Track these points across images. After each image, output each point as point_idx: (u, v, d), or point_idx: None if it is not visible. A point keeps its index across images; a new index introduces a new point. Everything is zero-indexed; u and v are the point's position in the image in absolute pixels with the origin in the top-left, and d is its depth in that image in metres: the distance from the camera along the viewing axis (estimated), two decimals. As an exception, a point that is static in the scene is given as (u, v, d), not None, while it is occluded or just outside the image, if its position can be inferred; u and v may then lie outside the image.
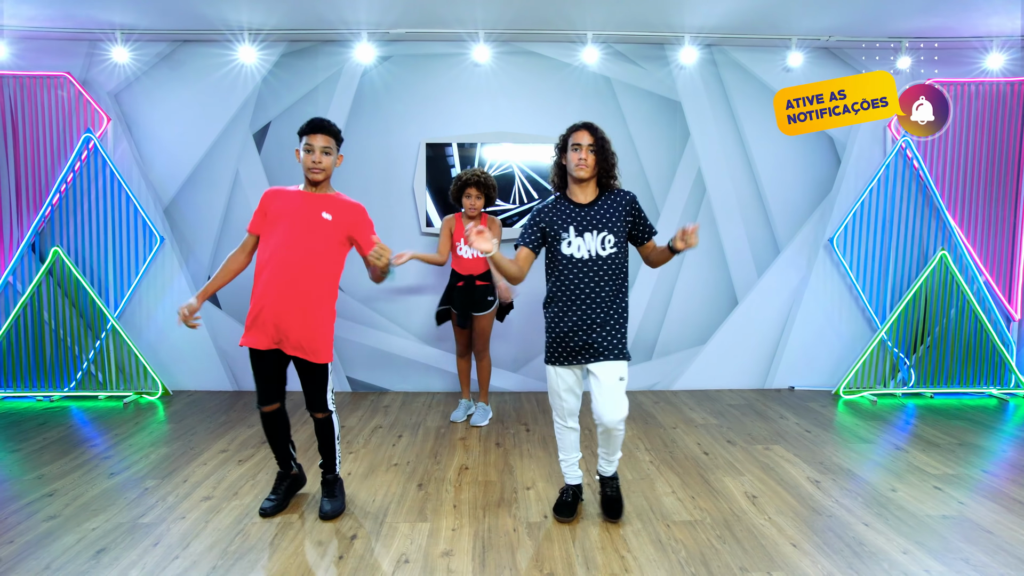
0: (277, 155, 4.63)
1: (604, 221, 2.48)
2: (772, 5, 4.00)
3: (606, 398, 2.40)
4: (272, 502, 2.66)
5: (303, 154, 2.51)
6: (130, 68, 4.46)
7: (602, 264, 2.47)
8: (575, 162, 2.44)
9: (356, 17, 4.21)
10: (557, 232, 2.48)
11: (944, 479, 3.04)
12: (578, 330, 2.44)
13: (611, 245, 2.47)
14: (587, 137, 2.46)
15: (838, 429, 3.85)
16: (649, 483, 3.00)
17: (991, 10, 4.01)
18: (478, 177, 3.76)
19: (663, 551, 2.35)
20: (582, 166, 2.44)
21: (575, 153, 2.44)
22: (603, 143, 2.49)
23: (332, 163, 2.54)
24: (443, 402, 4.47)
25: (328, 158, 2.51)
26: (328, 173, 2.54)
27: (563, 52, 4.61)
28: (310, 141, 2.49)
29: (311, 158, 2.49)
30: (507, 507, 2.74)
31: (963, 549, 2.36)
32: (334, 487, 2.71)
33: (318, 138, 2.49)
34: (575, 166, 2.45)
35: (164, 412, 4.19)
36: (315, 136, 2.49)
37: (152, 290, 4.64)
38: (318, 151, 2.49)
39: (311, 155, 2.49)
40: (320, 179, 2.52)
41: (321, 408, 2.62)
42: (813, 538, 2.45)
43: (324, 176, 2.53)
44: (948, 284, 4.56)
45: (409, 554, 2.33)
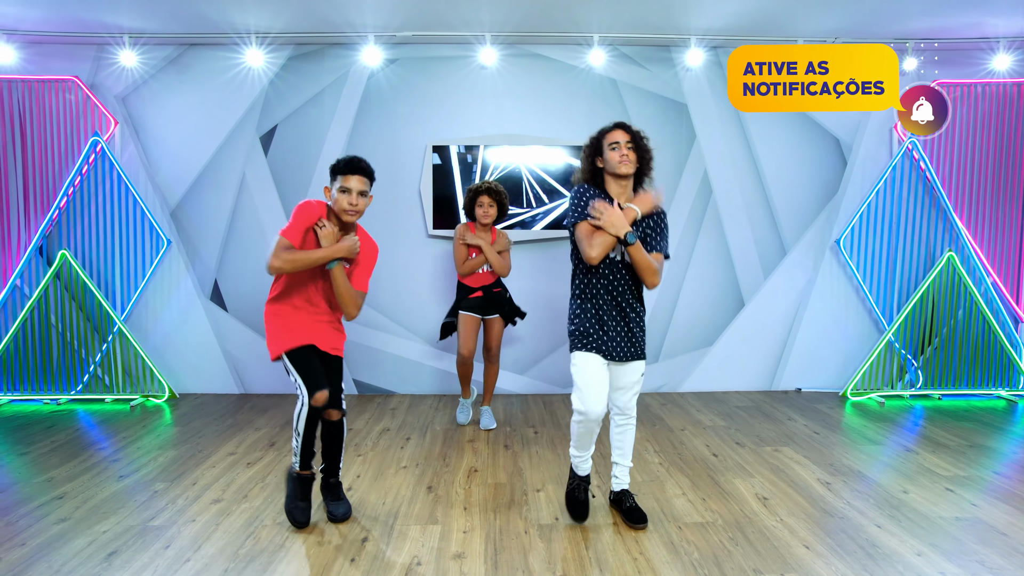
0: (284, 158, 4.63)
1: (639, 226, 2.48)
2: (777, 7, 4.00)
3: (632, 389, 2.54)
4: (307, 513, 2.57)
5: (337, 194, 2.41)
6: (138, 72, 4.48)
7: (630, 267, 2.47)
8: (617, 159, 2.43)
9: (363, 20, 4.23)
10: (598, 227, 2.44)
11: (955, 481, 3.03)
12: (611, 327, 2.46)
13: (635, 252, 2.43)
14: (624, 135, 2.47)
15: (846, 431, 3.84)
16: (659, 485, 2.99)
17: (997, 11, 4.01)
18: (490, 185, 3.78)
19: (675, 553, 2.34)
20: (625, 161, 2.43)
21: (615, 152, 2.44)
22: (639, 139, 2.50)
23: (366, 204, 2.47)
24: (450, 404, 4.46)
25: (364, 200, 2.44)
26: (361, 215, 2.47)
27: (569, 54, 4.62)
28: (346, 184, 2.40)
29: (347, 199, 2.40)
30: (518, 509, 2.73)
31: (978, 551, 2.35)
32: (339, 490, 2.69)
33: (355, 180, 2.40)
34: (618, 162, 2.43)
35: (171, 415, 4.19)
36: (352, 178, 2.40)
37: (159, 293, 4.64)
38: (355, 194, 2.40)
39: (347, 196, 2.40)
40: (353, 220, 2.46)
41: (341, 405, 2.59)
42: (826, 540, 2.44)
43: (357, 219, 2.47)
44: (956, 285, 4.55)
45: (421, 556, 2.33)
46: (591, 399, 2.40)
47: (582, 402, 2.42)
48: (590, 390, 2.41)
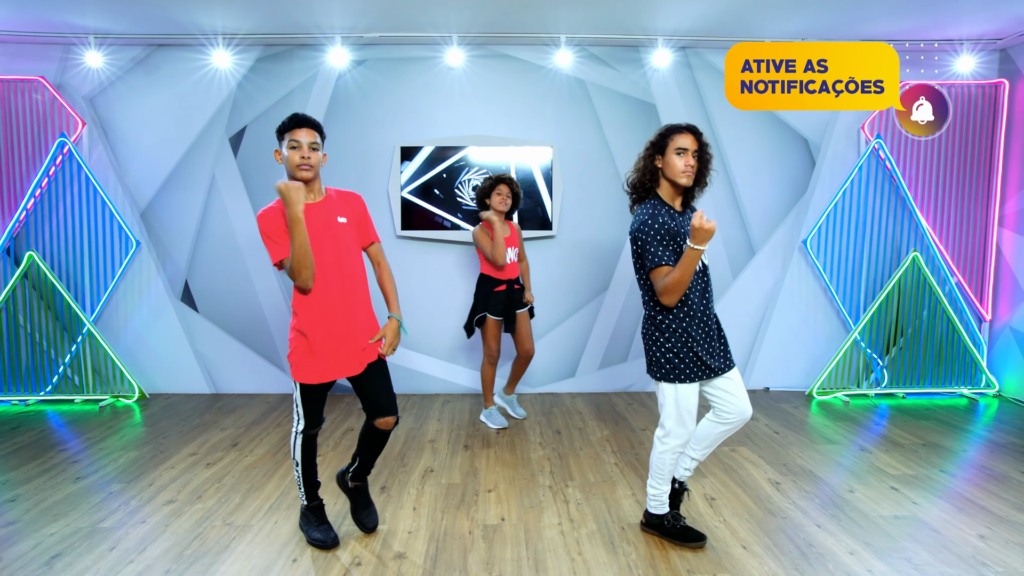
0: (253, 159, 4.65)
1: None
2: (743, 8, 4.02)
3: (745, 394, 2.43)
4: (332, 531, 2.48)
5: (287, 152, 2.28)
6: (105, 72, 4.48)
7: (707, 273, 2.40)
8: (681, 168, 2.29)
9: (330, 21, 4.23)
10: (683, 240, 2.29)
11: (902, 479, 3.07)
12: (709, 340, 2.34)
13: (704, 255, 2.32)
14: (693, 142, 2.31)
15: (807, 430, 3.88)
16: (611, 485, 3.03)
17: (960, 12, 4.03)
18: (509, 176, 3.90)
19: (614, 554, 2.38)
20: (689, 172, 2.30)
21: (680, 158, 2.29)
22: (704, 151, 2.36)
23: (319, 159, 2.33)
24: (418, 404, 4.50)
25: (316, 154, 2.30)
26: (317, 171, 2.32)
27: (537, 55, 4.63)
28: (295, 137, 2.27)
29: (299, 154, 2.26)
30: (466, 509, 2.76)
31: (908, 549, 2.39)
32: (368, 495, 2.63)
33: (303, 132, 2.28)
34: (681, 171, 2.29)
35: (140, 415, 4.21)
36: (299, 131, 2.28)
37: (130, 293, 4.66)
38: (306, 147, 2.27)
39: (298, 151, 2.26)
40: (310, 177, 2.30)
41: (394, 410, 2.42)
42: (764, 540, 2.48)
43: (314, 174, 2.31)
44: (920, 285, 4.59)
45: (362, 557, 2.36)
46: (687, 429, 2.37)
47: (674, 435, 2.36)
48: (690, 417, 2.36)
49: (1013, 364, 4.56)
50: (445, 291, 4.71)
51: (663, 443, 2.39)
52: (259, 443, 3.64)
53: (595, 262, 4.71)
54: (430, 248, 4.72)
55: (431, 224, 4.62)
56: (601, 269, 4.76)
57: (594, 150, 4.71)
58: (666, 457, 2.40)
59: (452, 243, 4.69)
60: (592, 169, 4.70)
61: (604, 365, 4.82)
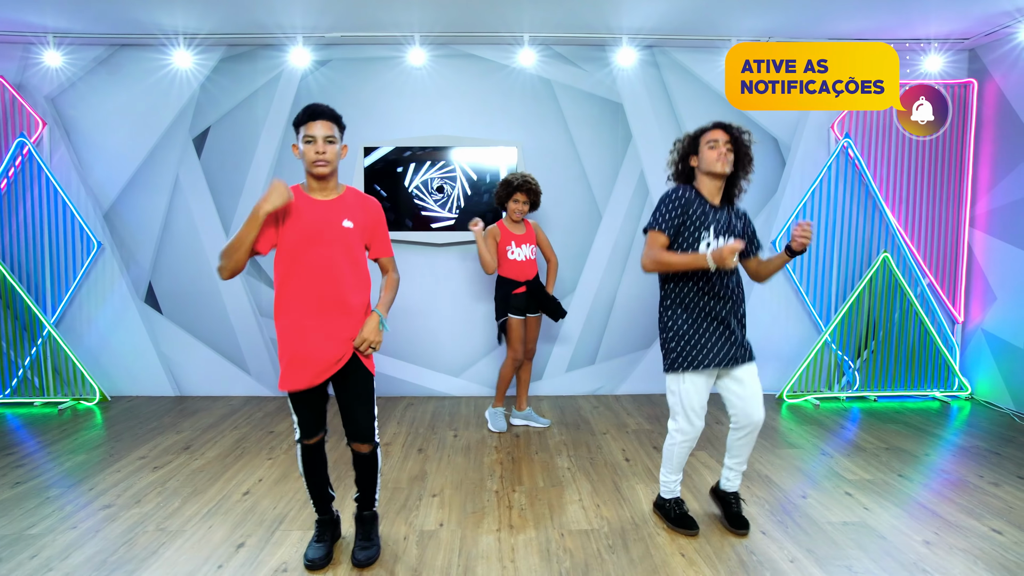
0: (217, 160, 4.60)
1: (736, 229, 2.44)
2: (707, 7, 3.97)
3: (756, 396, 2.39)
4: (320, 551, 2.31)
5: (303, 147, 2.14)
6: (67, 72, 4.45)
7: (732, 271, 2.41)
8: (715, 157, 2.36)
9: (291, 21, 4.19)
10: (698, 229, 2.36)
11: (857, 484, 3.00)
12: (720, 329, 2.37)
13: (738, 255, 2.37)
14: (723, 134, 2.39)
15: (772, 434, 3.81)
16: (559, 491, 2.97)
17: (927, 11, 3.98)
18: (529, 184, 3.71)
19: (548, 561, 2.32)
20: (723, 160, 2.36)
21: (712, 150, 2.37)
22: (740, 137, 2.41)
23: (337, 153, 2.18)
24: (380, 408, 4.43)
25: (333, 147, 2.15)
26: (334, 166, 2.17)
27: (501, 54, 4.59)
28: (309, 132, 2.13)
29: (314, 149, 2.12)
30: (406, 514, 2.71)
31: (851, 556, 2.33)
32: (371, 528, 2.39)
33: (319, 126, 2.12)
34: (715, 160, 2.36)
35: (101, 418, 4.16)
36: (315, 124, 2.12)
37: (93, 295, 4.62)
38: (321, 140, 2.12)
39: (313, 145, 2.13)
40: (326, 172, 2.15)
41: (368, 437, 2.25)
42: (705, 547, 2.42)
43: (330, 169, 2.16)
44: (892, 286, 4.53)
45: (290, 563, 2.31)
46: (694, 422, 2.42)
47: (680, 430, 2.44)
48: (693, 411, 2.41)
49: (985, 367, 4.49)
50: (409, 292, 4.66)
51: (672, 436, 2.49)
52: (212, 446, 3.58)
53: (562, 263, 4.65)
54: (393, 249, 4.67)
55: (395, 225, 4.57)
56: (568, 270, 4.70)
57: (560, 150, 4.66)
58: (674, 449, 2.49)
59: (415, 244, 4.65)
60: (559, 169, 4.65)
61: (572, 368, 4.76)
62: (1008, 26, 4.09)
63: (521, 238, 3.77)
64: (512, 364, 3.81)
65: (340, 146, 2.20)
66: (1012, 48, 4.21)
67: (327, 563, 2.29)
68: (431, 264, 4.67)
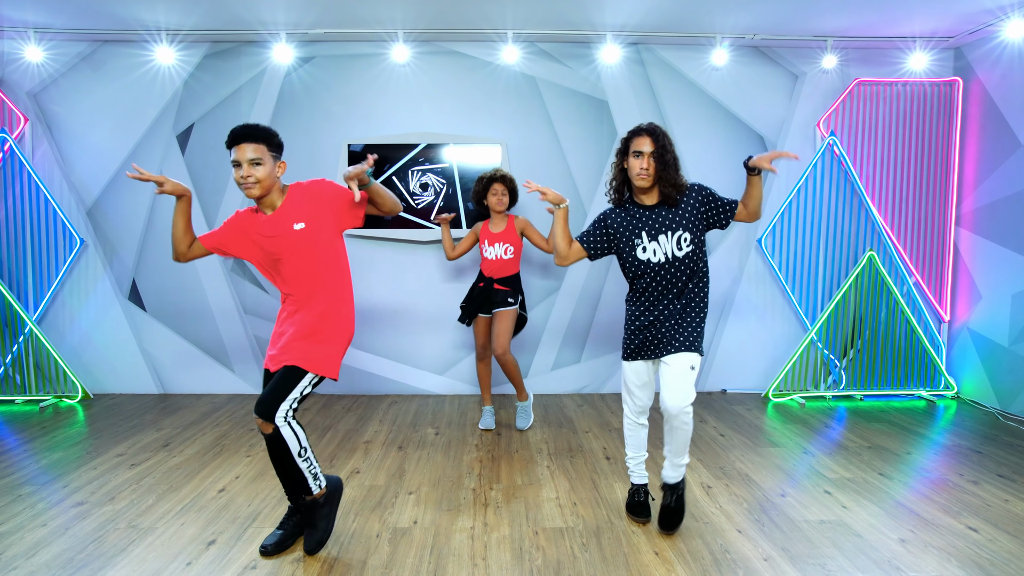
0: (201, 156, 4.58)
1: (678, 220, 2.38)
2: (693, 3, 3.96)
3: (672, 384, 2.35)
4: (275, 537, 2.33)
5: (233, 170, 2.18)
6: (50, 68, 4.42)
7: (679, 264, 2.40)
8: (636, 170, 2.35)
9: (274, 18, 4.17)
10: (629, 239, 2.42)
11: (837, 483, 2.99)
12: (655, 326, 2.43)
13: (687, 244, 2.38)
14: (648, 144, 2.33)
15: (756, 433, 3.80)
16: (536, 488, 2.95)
17: (912, 8, 3.97)
18: (502, 174, 3.76)
19: (520, 559, 2.30)
20: (643, 176, 2.34)
21: (637, 160, 2.34)
22: (664, 151, 2.34)
23: (270, 172, 2.17)
24: (364, 405, 4.42)
25: (260, 169, 2.14)
26: (265, 186, 2.17)
27: (485, 51, 4.57)
28: (234, 157, 2.14)
29: (239, 173, 2.14)
30: (381, 512, 2.69)
31: (825, 554, 2.31)
32: (312, 514, 2.30)
33: (243, 149, 2.13)
34: (636, 174, 2.35)
35: (83, 416, 4.14)
36: (239, 147, 2.14)
37: (76, 293, 4.59)
38: (247, 165, 2.13)
39: (237, 170, 2.15)
40: (257, 195, 2.17)
41: (264, 413, 2.15)
42: (679, 546, 2.40)
43: (260, 191, 2.17)
44: (877, 285, 4.52)
45: (260, 561, 2.28)
46: (632, 403, 2.61)
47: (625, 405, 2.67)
48: (630, 393, 2.60)
49: (971, 366, 4.48)
50: (393, 290, 4.64)
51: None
52: (191, 444, 3.56)
53: (547, 261, 4.64)
54: (376, 246, 4.65)
55: (378, 222, 4.55)
56: (553, 268, 4.68)
57: (545, 147, 4.64)
58: (625, 427, 2.68)
59: (399, 241, 4.63)
60: (543, 166, 4.63)
61: (557, 367, 4.75)
62: (991, 24, 4.09)
63: (496, 236, 3.76)
64: (477, 358, 3.87)
65: (276, 163, 2.22)
66: (995, 46, 4.21)
67: (280, 550, 2.32)
68: (415, 262, 4.65)
